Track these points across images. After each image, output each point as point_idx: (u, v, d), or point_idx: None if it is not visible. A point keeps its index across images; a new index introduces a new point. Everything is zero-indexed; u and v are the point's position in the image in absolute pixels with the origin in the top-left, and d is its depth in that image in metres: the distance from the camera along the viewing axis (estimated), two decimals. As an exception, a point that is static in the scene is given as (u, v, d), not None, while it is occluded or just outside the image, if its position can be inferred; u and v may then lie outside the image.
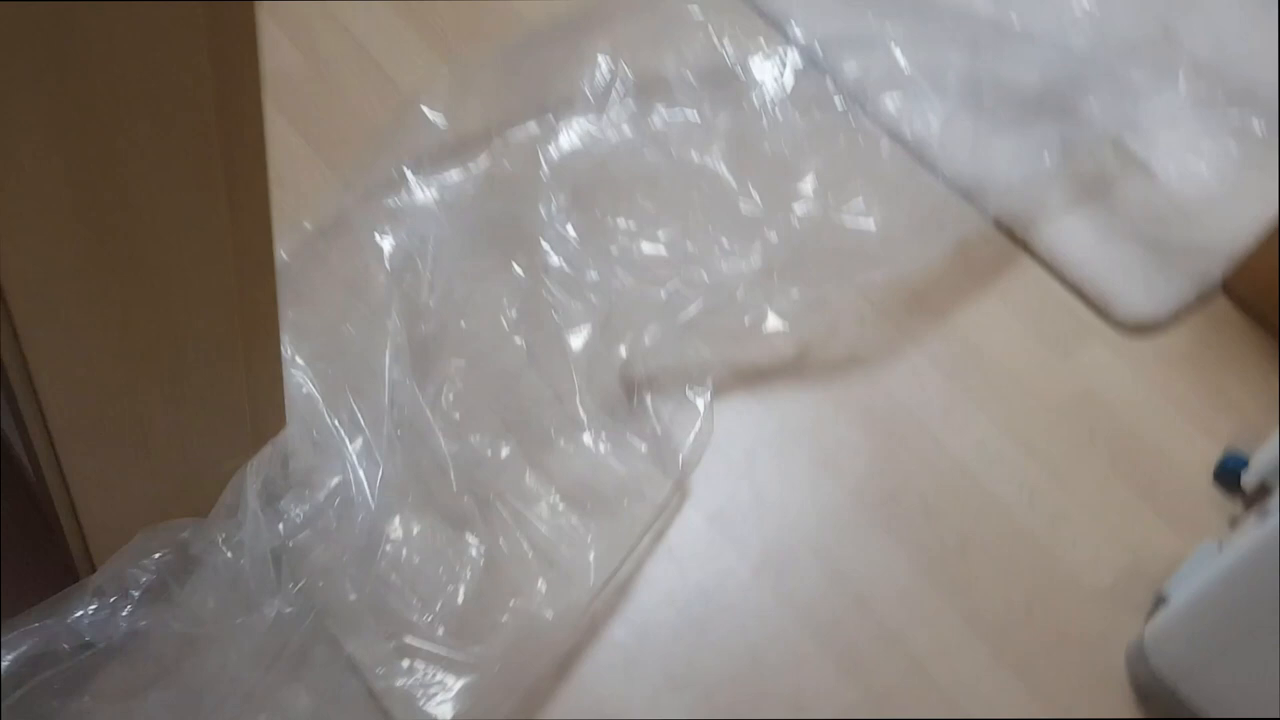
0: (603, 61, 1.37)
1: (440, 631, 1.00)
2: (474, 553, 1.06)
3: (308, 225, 1.23)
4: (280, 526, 0.97)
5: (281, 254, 1.19)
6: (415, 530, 1.06)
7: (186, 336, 0.82)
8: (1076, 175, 1.43)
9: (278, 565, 0.96)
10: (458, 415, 1.14)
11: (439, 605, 1.02)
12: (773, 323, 1.25)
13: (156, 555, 0.87)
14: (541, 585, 1.04)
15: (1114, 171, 1.45)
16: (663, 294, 1.22)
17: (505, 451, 1.12)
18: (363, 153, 1.30)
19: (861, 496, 1.16)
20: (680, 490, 1.13)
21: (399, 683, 0.97)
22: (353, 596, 1.00)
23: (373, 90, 1.38)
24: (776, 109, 1.39)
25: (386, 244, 1.22)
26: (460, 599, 1.03)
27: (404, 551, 1.05)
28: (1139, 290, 1.36)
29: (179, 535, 0.89)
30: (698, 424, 1.14)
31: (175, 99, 0.65)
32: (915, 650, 1.07)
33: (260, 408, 0.95)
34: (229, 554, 0.92)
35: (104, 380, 0.80)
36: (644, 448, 1.13)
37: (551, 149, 1.35)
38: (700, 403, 1.16)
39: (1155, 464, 1.23)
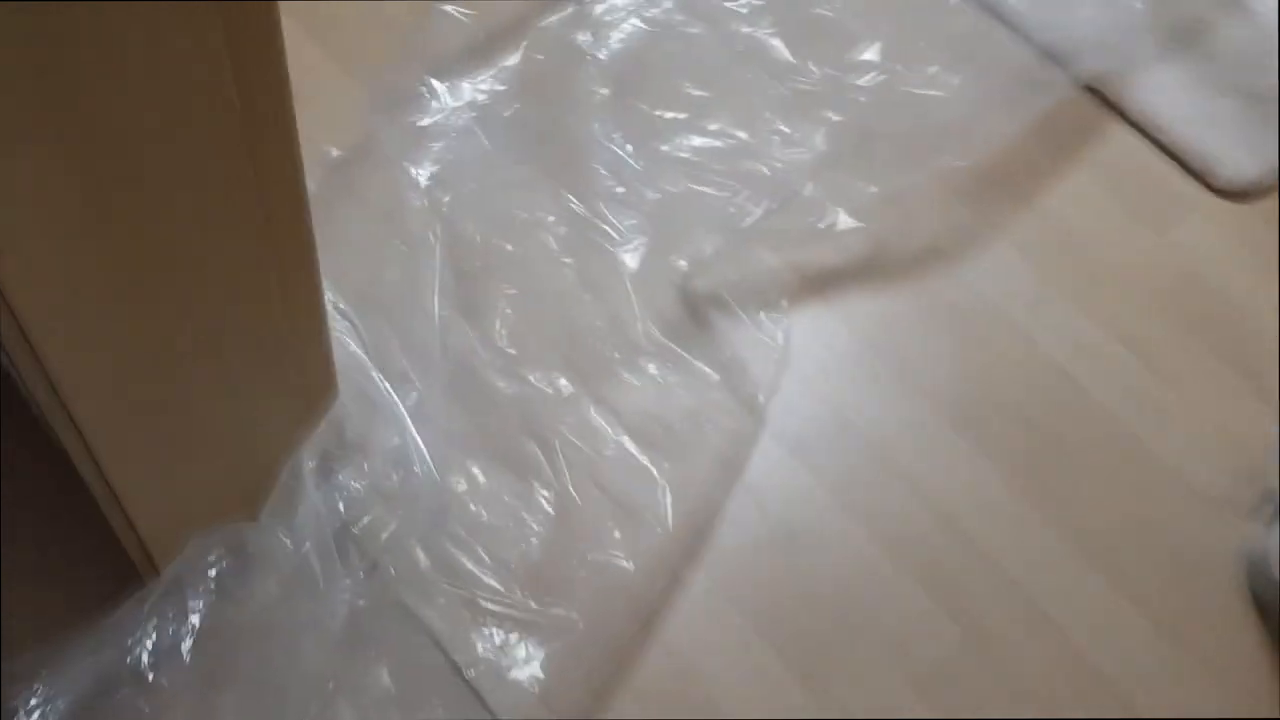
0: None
1: (518, 593, 0.96)
2: (544, 503, 1.00)
3: (334, 151, 1.14)
4: (341, 504, 0.91)
5: (311, 185, 1.10)
6: (481, 484, 1.01)
7: (222, 324, 0.75)
8: (1168, 22, 1.29)
9: (343, 545, 0.91)
10: (513, 352, 1.07)
11: (513, 564, 0.97)
12: (844, 221, 1.15)
13: (212, 571, 0.82)
14: (617, 534, 0.99)
15: (1209, 15, 1.31)
16: (729, 205, 1.12)
17: (566, 388, 1.06)
18: (385, 60, 1.19)
19: (949, 409, 1.09)
20: (756, 420, 1.06)
21: (481, 652, 0.93)
22: (424, 564, 0.96)
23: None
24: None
25: (419, 165, 1.13)
26: (535, 555, 0.98)
27: (471, 508, 1.00)
28: (1241, 149, 1.24)
29: (235, 534, 0.84)
30: (776, 353, 1.06)
31: (184, 56, 0.56)
32: (1016, 575, 1.01)
33: (310, 380, 0.89)
34: (290, 543, 0.87)
35: (139, 384, 0.73)
36: (716, 378, 1.05)
37: (590, 36, 1.23)
38: (778, 330, 1.07)
39: (1264, 349, 1.13)
